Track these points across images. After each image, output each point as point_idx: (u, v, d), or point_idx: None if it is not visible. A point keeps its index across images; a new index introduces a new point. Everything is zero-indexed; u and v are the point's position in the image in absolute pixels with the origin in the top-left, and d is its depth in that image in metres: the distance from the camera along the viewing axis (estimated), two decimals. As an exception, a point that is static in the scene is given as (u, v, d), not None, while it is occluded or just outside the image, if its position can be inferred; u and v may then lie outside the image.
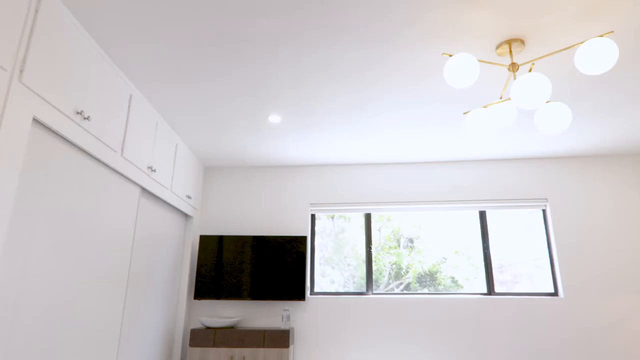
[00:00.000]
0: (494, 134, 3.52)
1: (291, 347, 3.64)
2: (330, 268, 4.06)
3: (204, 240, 4.01)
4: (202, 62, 2.51)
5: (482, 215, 4.07)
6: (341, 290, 4.03)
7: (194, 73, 2.62)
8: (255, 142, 3.71)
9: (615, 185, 3.94)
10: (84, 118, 2.18)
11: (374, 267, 4.01)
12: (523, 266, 3.90)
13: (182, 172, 3.74)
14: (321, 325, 3.84)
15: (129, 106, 2.70)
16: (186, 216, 4.06)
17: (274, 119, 3.23)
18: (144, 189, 3.04)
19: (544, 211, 4.02)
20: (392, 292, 3.96)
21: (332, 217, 4.22)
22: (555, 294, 3.79)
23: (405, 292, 3.94)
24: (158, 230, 3.37)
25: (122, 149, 2.62)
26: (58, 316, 2.07)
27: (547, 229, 3.97)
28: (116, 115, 2.53)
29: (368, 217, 4.19)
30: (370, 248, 4.08)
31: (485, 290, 3.86)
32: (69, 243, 2.16)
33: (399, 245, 4.05)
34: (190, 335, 3.57)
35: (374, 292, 3.97)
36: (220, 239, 4.01)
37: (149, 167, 2.99)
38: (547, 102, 2.17)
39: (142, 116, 2.90)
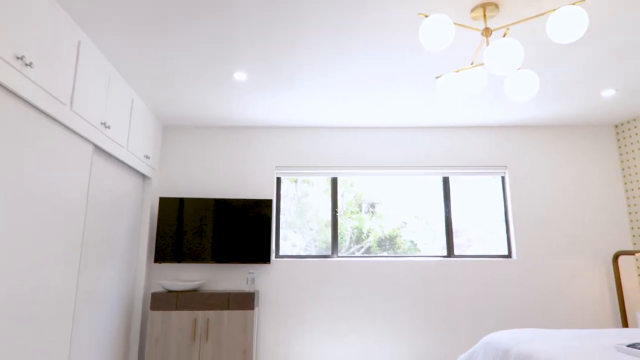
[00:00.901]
0: (463, 100, 3.54)
1: (256, 309, 3.66)
2: (292, 232, 4.05)
3: (164, 202, 3.85)
4: (158, 7, 2.28)
5: (446, 181, 4.17)
6: (302, 254, 4.05)
7: (149, 20, 2.38)
8: (219, 100, 3.53)
9: (569, 155, 4.14)
10: (26, 64, 1.94)
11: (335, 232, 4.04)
12: (477, 231, 4.07)
13: (139, 130, 3.52)
14: (286, 288, 3.87)
15: (78, 54, 2.44)
16: (144, 177, 3.86)
17: (240, 76, 3.06)
18: (97, 147, 2.83)
19: (503, 178, 4.17)
20: (356, 255, 4.04)
21: (296, 181, 4.17)
22: (509, 256, 4.01)
23: (370, 254, 4.03)
24: (114, 191, 3.18)
25: (72, 102, 2.39)
26: (6, 284, 1.92)
27: (505, 195, 4.14)
28: (63, 63, 2.28)
29: (334, 181, 4.17)
30: (336, 212, 4.10)
31: (445, 253, 4.02)
32: (13, 204, 1.97)
33: (360, 210, 4.09)
34: (151, 298, 3.49)
35: (339, 255, 4.02)
36: (181, 201, 3.87)
37: (102, 124, 2.76)
38: (518, 69, 2.17)
39: (93, 66, 2.64)
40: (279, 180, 4.20)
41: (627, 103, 3.58)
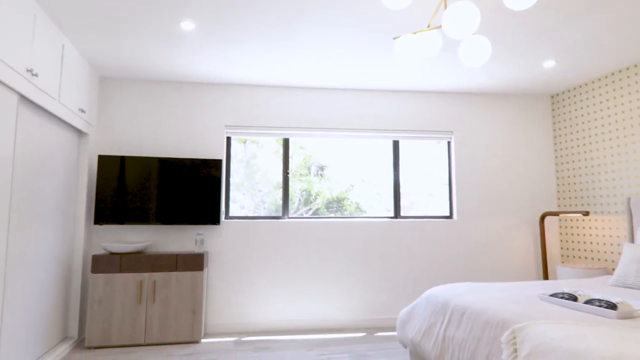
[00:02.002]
0: (419, 63, 3.56)
1: (205, 270, 3.62)
2: (241, 194, 3.98)
3: (104, 160, 3.59)
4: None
5: (396, 145, 4.26)
6: (251, 216, 4.02)
7: (83, -48, 2.10)
8: (164, 51, 3.26)
9: (508, 122, 4.38)
10: None
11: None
12: (419, 193, 4.26)
13: (73, 81, 3.19)
14: (236, 249, 3.85)
15: (-6, -13, 2.11)
16: (80, 133, 3.56)
17: (187, 25, 2.83)
18: (23, 97, 2.53)
19: (449, 143, 4.34)
20: (308, 216, 4.08)
21: (244, 142, 4.06)
22: (451, 216, 4.26)
23: (321, 215, 4.08)
24: (46, 147, 2.90)
25: (-12, 43, 2.08)
26: None
27: (449, 160, 4.32)
28: (-25, -4, 1.96)
29: (286, 142, 4.11)
30: (287, 173, 4.07)
31: (392, 214, 4.18)
32: None
33: (309, 173, 4.10)
34: (92, 261, 3.32)
35: (290, 216, 4.04)
36: (123, 160, 3.63)
37: (28, 70, 2.46)
38: (472, 34, 2.20)
39: (14, 4, 2.30)
40: (229, 139, 4.05)
41: (564, 74, 3.80)
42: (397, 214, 4.17)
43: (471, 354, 2.11)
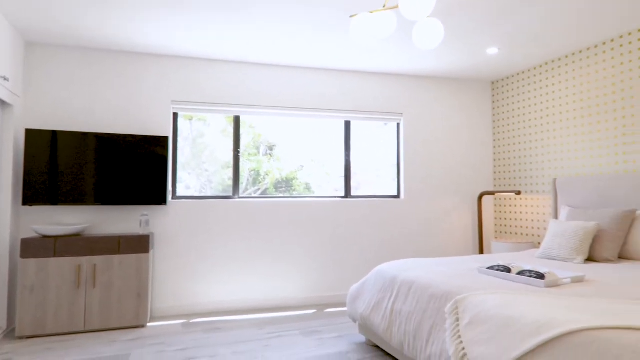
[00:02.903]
0: (374, 43, 3.59)
1: (151, 252, 3.47)
2: (186, 174, 3.83)
3: (32, 135, 3.27)
4: None
5: (347, 125, 4.30)
6: (200, 196, 3.91)
7: None
8: (101, 16, 2.99)
9: (452, 106, 4.58)
10: None
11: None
12: (367, 174, 4.37)
13: (-7, 45, 2.83)
14: (185, 230, 3.73)
15: None
16: (3, 104, 3.20)
17: (128, -11, 2.60)
18: None
19: (398, 125, 4.46)
20: (260, 196, 4.03)
21: (191, 120, 3.88)
22: (398, 196, 4.42)
23: (273, 195, 4.05)
24: (-39, 119, 2.57)
25: None
26: None
27: (398, 141, 4.45)
28: None
29: (237, 120, 3.99)
30: (238, 152, 3.97)
31: (342, 194, 4.25)
32: None
33: (258, 153, 4.04)
34: (21, 245, 3.05)
35: (240, 196, 3.97)
36: (54, 134, 3.33)
37: (-64, 29, 2.14)
38: (427, 16, 2.24)
39: None
40: (175, 116, 3.85)
41: (504, 62, 4.02)
42: (347, 193, 4.24)
43: (417, 325, 2.24)
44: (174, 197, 3.80)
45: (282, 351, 2.77)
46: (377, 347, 2.84)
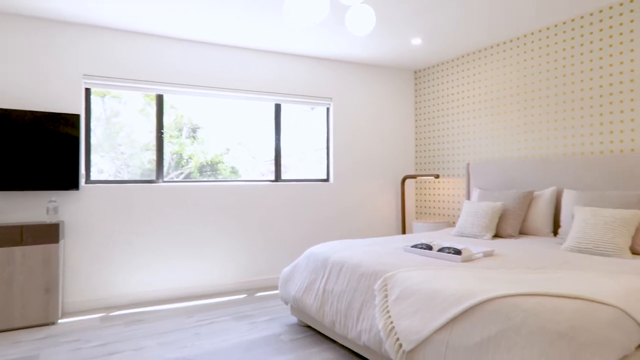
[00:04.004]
0: (308, 24, 3.55)
1: (62, 242, 3.14)
2: (99, 156, 3.51)
3: None
4: None
5: (278, 108, 4.25)
6: (119, 180, 3.62)
7: None
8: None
9: (379, 92, 4.75)
10: None
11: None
12: (294, 157, 4.40)
13: None
14: (101, 217, 3.42)
15: None
16: None
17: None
18: None
19: (328, 109, 4.52)
20: (187, 179, 3.84)
21: (103, 97, 3.54)
22: (327, 180, 4.51)
23: (201, 179, 3.88)
24: None
25: None
26: None
27: (328, 126, 4.52)
28: None
29: (160, 99, 3.72)
30: (162, 134, 3.72)
31: (272, 178, 4.22)
32: None
33: (181, 135, 3.83)
34: None
35: (164, 180, 3.74)
36: None
37: None
38: (361, 2, 2.27)
39: None
40: (88, 92, 3.48)
41: (427, 52, 4.25)
42: (277, 177, 4.22)
43: (348, 303, 2.34)
44: (88, 181, 3.46)
45: (213, 337, 2.72)
46: (310, 327, 2.91)
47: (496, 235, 3.32)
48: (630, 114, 2.98)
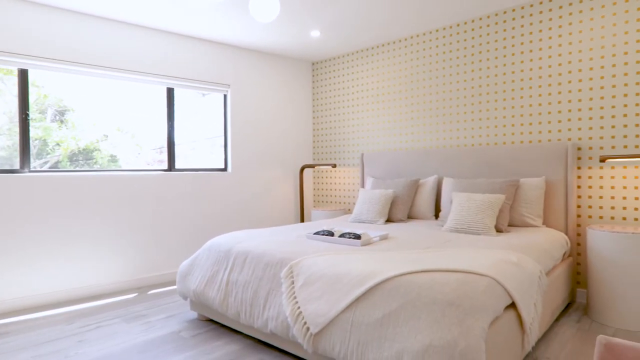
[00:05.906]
0: (206, 7, 3.32)
1: None
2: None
3: None
4: None
5: (170, 93, 3.94)
6: (-23, 167, 3.00)
7: None
8: None
9: (279, 82, 4.74)
10: None
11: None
12: (188, 146, 4.18)
13: None
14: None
15: None
16: None
17: None
18: None
19: (225, 96, 4.35)
20: (63, 169, 3.33)
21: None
22: (225, 169, 4.37)
23: (80, 169, 3.41)
24: None
25: None
26: None
27: (225, 113, 4.36)
28: None
29: (24, 75, 3.15)
30: (27, 115, 3.16)
31: (166, 167, 3.93)
32: None
33: (45, 118, 3.31)
34: None
35: (32, 169, 3.20)
36: None
37: None
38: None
39: None
40: None
41: (325, 45, 4.37)
42: (171, 166, 3.94)
43: (254, 293, 2.32)
44: None
45: (101, 343, 2.45)
46: (212, 320, 2.82)
47: (388, 220, 3.61)
48: (495, 113, 3.50)
